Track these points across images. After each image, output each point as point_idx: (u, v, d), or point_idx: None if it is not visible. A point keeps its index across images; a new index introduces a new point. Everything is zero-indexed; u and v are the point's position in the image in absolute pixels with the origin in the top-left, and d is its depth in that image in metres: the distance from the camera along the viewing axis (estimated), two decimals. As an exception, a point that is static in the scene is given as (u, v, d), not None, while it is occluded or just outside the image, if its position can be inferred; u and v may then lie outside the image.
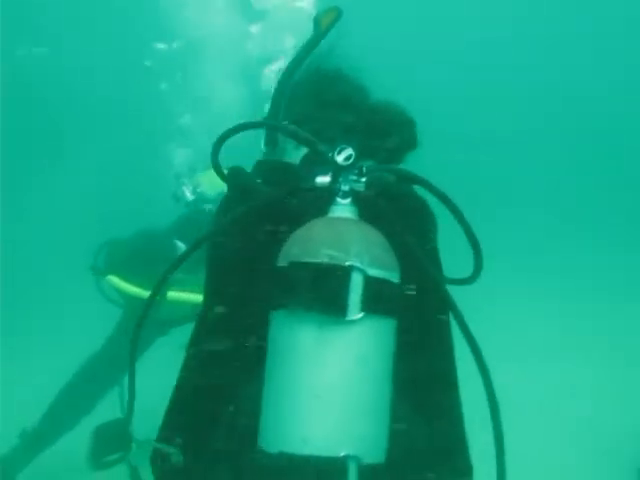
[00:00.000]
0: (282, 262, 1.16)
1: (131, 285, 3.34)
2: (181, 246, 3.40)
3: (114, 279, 3.40)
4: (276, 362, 1.14)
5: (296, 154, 1.46)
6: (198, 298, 3.25)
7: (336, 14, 1.48)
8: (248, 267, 1.26)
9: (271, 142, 1.50)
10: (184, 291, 3.26)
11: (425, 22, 13.94)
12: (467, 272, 1.33)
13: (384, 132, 1.41)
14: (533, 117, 14.56)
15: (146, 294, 3.28)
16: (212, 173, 3.71)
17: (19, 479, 3.38)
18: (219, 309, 1.27)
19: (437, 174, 1.37)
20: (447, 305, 1.24)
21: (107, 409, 3.23)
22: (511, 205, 13.17)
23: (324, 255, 1.11)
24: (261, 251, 1.24)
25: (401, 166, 1.42)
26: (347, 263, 1.10)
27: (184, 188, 3.52)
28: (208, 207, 3.45)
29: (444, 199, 1.25)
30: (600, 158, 14.24)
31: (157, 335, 3.52)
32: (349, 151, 1.21)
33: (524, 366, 5.38)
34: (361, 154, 1.23)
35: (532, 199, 13.46)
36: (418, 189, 1.35)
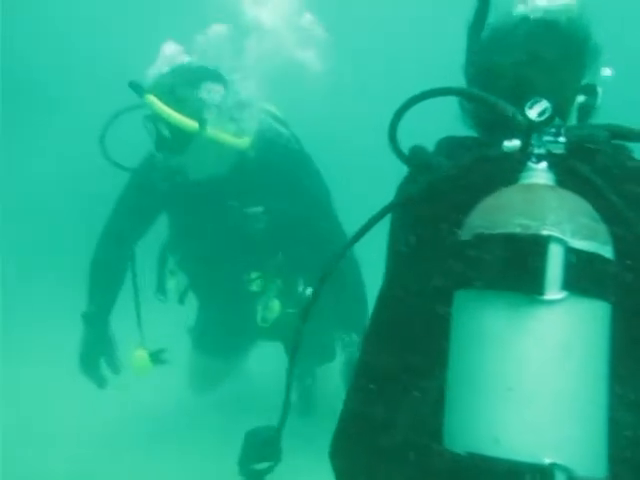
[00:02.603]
0: (465, 235, 1.04)
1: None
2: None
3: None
4: (461, 348, 1.01)
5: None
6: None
7: None
8: (430, 247, 1.16)
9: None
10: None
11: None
12: None
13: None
14: None
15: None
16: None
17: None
18: (400, 292, 1.19)
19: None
20: None
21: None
22: None
23: (515, 225, 0.98)
24: (444, 228, 1.12)
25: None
26: (544, 232, 0.96)
27: None
28: None
29: None
30: None
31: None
32: (544, 104, 1.05)
33: None
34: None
35: None
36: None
